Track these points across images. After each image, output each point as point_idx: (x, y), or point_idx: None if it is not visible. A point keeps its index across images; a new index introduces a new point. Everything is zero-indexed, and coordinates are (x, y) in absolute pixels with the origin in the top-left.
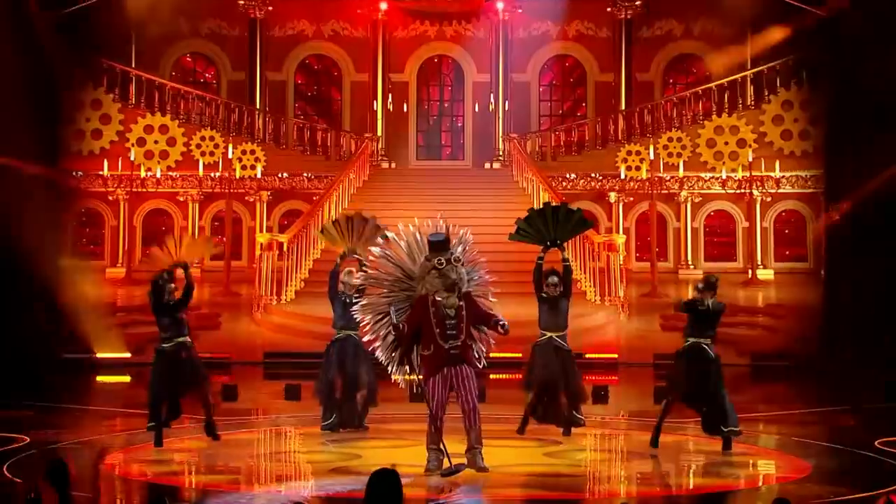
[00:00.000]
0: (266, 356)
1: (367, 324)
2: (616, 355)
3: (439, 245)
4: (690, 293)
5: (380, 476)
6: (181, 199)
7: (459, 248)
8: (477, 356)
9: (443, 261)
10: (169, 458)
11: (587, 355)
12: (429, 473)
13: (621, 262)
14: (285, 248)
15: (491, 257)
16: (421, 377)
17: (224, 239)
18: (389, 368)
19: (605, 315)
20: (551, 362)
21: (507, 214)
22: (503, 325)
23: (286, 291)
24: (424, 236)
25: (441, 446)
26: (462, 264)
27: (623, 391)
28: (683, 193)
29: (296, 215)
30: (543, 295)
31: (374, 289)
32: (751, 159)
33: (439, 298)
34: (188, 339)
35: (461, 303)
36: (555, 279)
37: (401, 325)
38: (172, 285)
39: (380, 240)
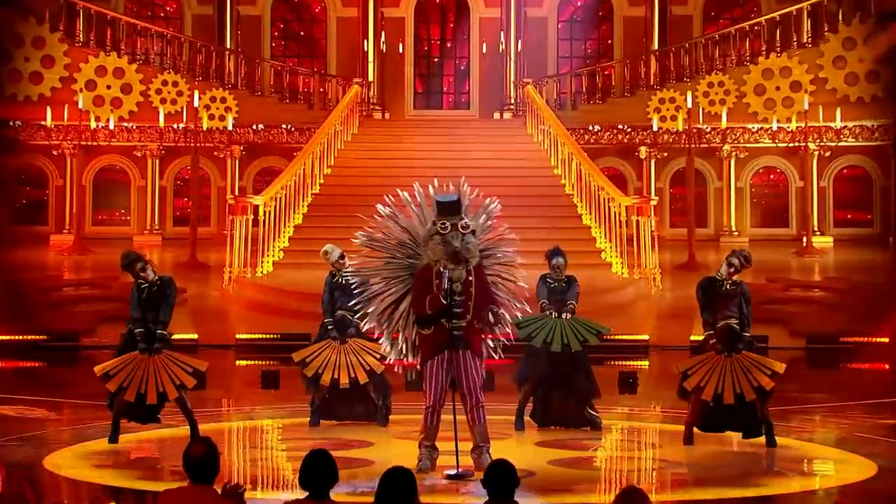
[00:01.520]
0: (239, 338)
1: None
2: (647, 337)
3: (447, 207)
4: (724, 268)
5: (393, 475)
6: (138, 154)
7: (482, 218)
8: (492, 346)
9: (447, 225)
10: (122, 458)
11: (613, 336)
12: (420, 474)
13: (653, 229)
14: (261, 212)
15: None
16: (418, 360)
17: (189, 202)
18: (385, 346)
19: (634, 290)
20: (555, 352)
21: (520, 173)
22: (495, 312)
23: (262, 262)
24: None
25: (435, 444)
26: (474, 234)
27: (655, 379)
28: (726, 148)
29: (273, 174)
30: (549, 281)
31: (377, 254)
32: (806, 107)
33: (444, 270)
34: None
35: (470, 277)
36: (560, 260)
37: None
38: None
39: (388, 199)
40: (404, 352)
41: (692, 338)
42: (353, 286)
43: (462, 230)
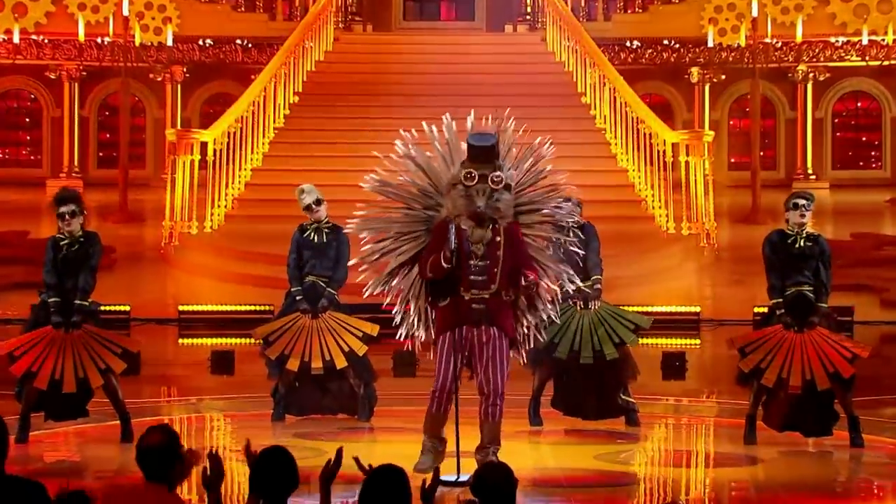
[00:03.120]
0: (182, 311)
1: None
2: (698, 309)
3: (479, 152)
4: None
5: (381, 476)
6: (52, 76)
7: (527, 162)
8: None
9: (474, 175)
10: (33, 462)
11: (655, 307)
12: (420, 473)
13: (707, 172)
14: (210, 151)
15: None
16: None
17: (118, 138)
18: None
19: (683, 249)
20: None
21: (538, 103)
22: (530, 283)
23: (212, 214)
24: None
25: (443, 436)
26: (509, 189)
27: (708, 361)
28: (802, 68)
29: (225, 102)
30: None
31: (390, 203)
32: None
33: (465, 227)
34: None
35: (498, 238)
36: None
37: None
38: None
39: (409, 134)
40: (416, 327)
41: (756, 309)
42: (329, 243)
43: (493, 184)
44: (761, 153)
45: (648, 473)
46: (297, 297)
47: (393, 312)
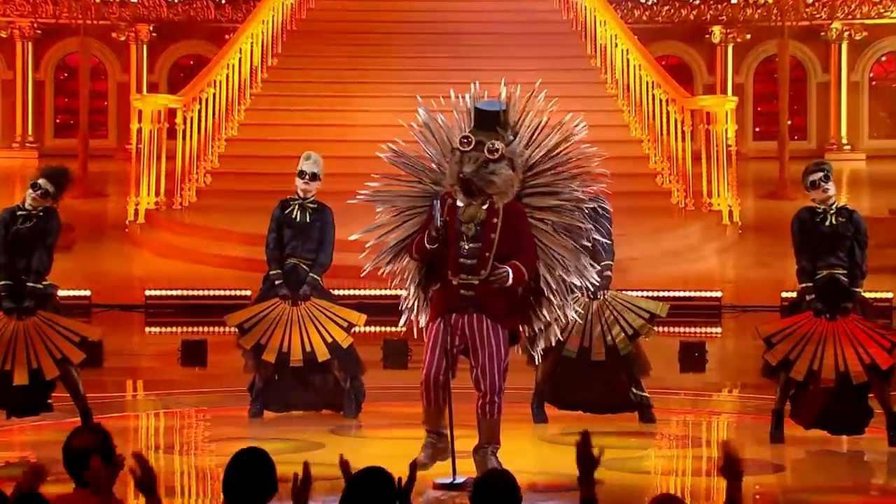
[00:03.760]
0: (149, 296)
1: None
2: (720, 294)
3: (483, 118)
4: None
5: (364, 479)
6: (3, 34)
7: (554, 139)
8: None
9: (470, 140)
10: None
11: (671, 292)
12: (422, 468)
13: (730, 142)
14: (180, 119)
15: None
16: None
17: (77, 103)
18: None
19: (702, 228)
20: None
21: (543, 66)
22: (501, 274)
23: (182, 191)
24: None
25: (442, 431)
26: (513, 166)
27: (731, 351)
28: (836, 26)
29: (197, 65)
30: None
31: (403, 176)
32: None
33: (459, 204)
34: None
35: (495, 220)
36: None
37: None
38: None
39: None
40: (416, 312)
41: (784, 294)
42: (313, 223)
43: (490, 154)
44: (790, 121)
45: (664, 476)
46: (277, 282)
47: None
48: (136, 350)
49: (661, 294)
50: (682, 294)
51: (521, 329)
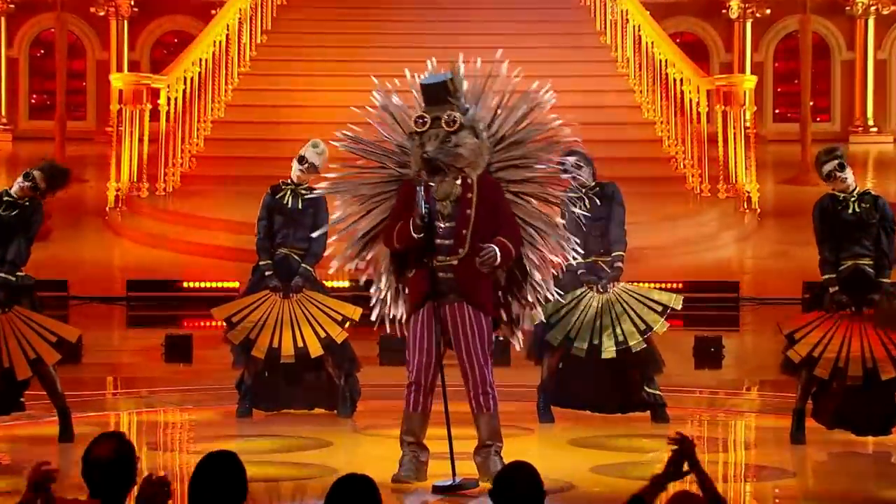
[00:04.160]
0: (131, 286)
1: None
2: (738, 284)
3: (431, 92)
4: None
5: (344, 487)
6: None
7: (521, 110)
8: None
9: (424, 119)
10: None
11: (687, 284)
12: (398, 484)
13: (748, 124)
14: (164, 100)
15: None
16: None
17: (54, 83)
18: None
19: (719, 215)
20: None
21: (551, 42)
22: (490, 254)
23: (165, 177)
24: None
25: (424, 443)
26: (476, 133)
27: (749, 346)
28: (862, 0)
29: (181, 42)
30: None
31: (365, 163)
32: None
33: (420, 187)
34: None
35: (469, 195)
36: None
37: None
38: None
39: (382, 83)
40: (389, 306)
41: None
42: (305, 210)
43: (448, 126)
44: (812, 102)
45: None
46: (267, 273)
47: (371, 291)
48: (117, 345)
49: (676, 285)
50: (697, 284)
51: (500, 313)
